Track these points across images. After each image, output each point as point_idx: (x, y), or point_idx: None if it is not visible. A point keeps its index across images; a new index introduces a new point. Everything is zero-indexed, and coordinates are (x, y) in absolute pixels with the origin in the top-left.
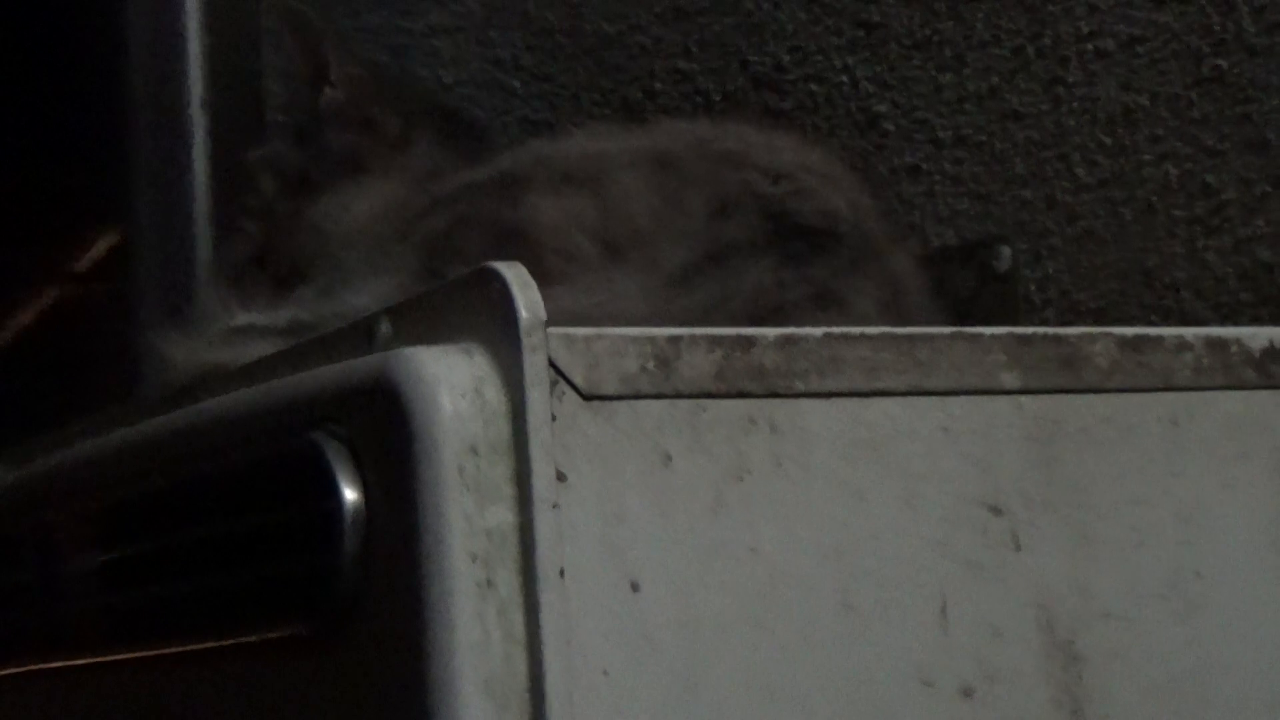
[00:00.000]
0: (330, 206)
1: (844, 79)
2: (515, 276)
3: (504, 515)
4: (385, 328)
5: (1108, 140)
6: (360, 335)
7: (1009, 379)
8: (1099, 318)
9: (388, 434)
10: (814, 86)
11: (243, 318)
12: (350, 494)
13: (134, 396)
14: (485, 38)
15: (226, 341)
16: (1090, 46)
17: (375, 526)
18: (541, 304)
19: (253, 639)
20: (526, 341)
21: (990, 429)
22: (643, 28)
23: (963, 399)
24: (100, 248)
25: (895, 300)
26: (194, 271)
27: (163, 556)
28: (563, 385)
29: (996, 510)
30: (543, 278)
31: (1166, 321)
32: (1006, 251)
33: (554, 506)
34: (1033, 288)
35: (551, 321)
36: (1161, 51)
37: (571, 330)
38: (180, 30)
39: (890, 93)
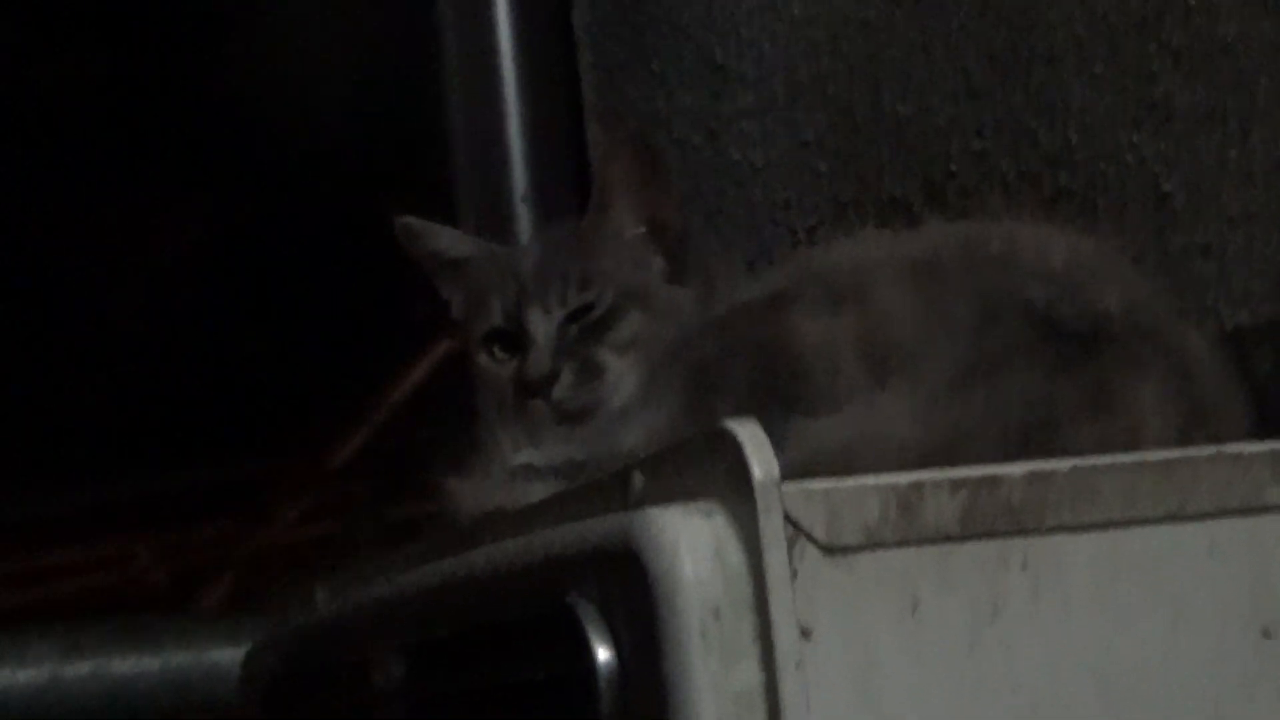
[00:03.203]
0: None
1: (1129, 157)
2: (749, 436)
3: (750, 675)
4: (639, 481)
5: None
6: (616, 487)
7: (1275, 495)
8: None
9: (635, 596)
10: (1102, 164)
11: (523, 456)
12: (604, 654)
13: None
14: (790, 119)
15: (507, 481)
16: None
17: (630, 685)
18: (775, 463)
19: None
20: (761, 503)
21: (1259, 547)
22: (938, 108)
23: (1228, 520)
24: None
25: (1184, 390)
26: None
27: (450, 708)
28: (803, 540)
29: (1268, 633)
30: (810, 402)
31: None
32: None
33: (798, 665)
34: None
35: (815, 458)
36: None
37: (809, 484)
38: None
39: (1178, 169)
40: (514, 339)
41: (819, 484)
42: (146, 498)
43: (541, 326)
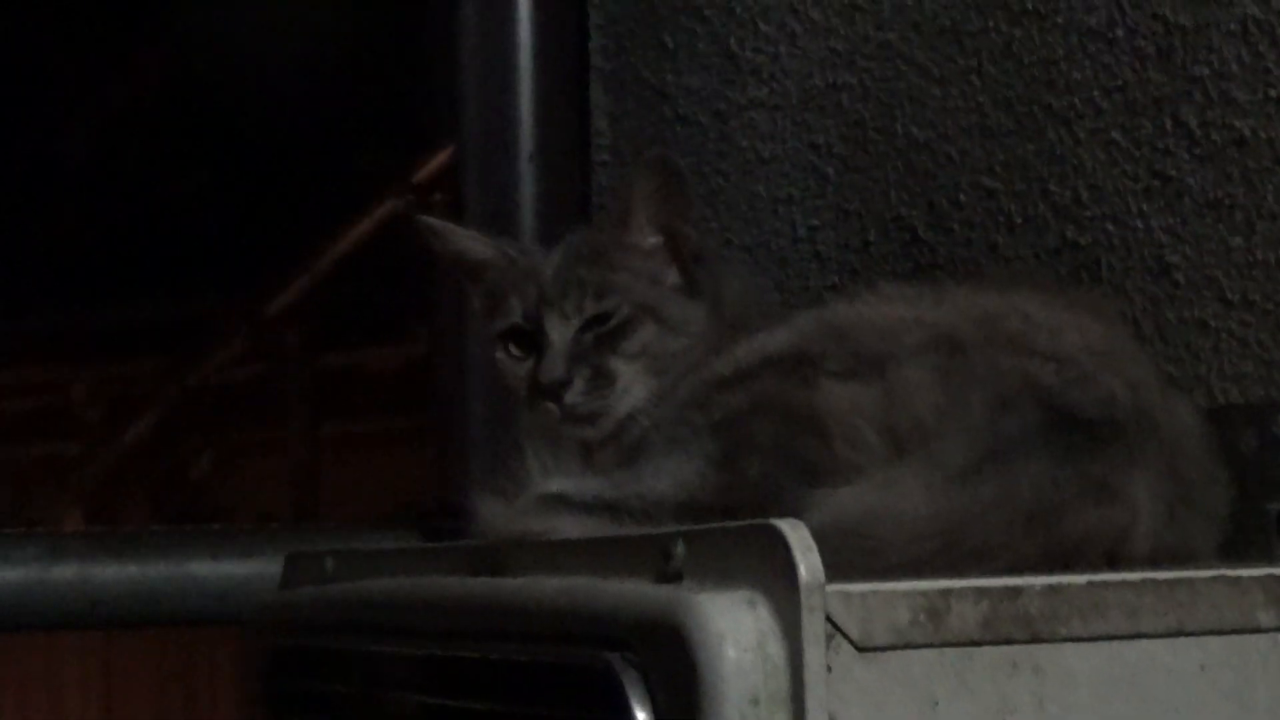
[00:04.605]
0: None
1: (1139, 224)
2: (798, 540)
3: None
4: (680, 551)
5: None
6: (657, 551)
7: (1266, 618)
8: None
9: (678, 673)
10: (1110, 226)
11: (554, 485)
12: (642, 717)
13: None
14: (801, 120)
15: (536, 509)
16: None
17: None
18: (821, 567)
19: None
20: (806, 603)
21: (1246, 665)
22: (951, 138)
23: (1221, 638)
24: (438, 160)
25: (1174, 471)
26: None
27: None
28: (839, 638)
29: None
30: (832, 468)
31: None
32: None
33: None
34: None
35: (834, 527)
36: None
37: (848, 587)
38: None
39: (1183, 246)
40: (531, 339)
41: (857, 588)
42: (85, 331)
43: (558, 332)
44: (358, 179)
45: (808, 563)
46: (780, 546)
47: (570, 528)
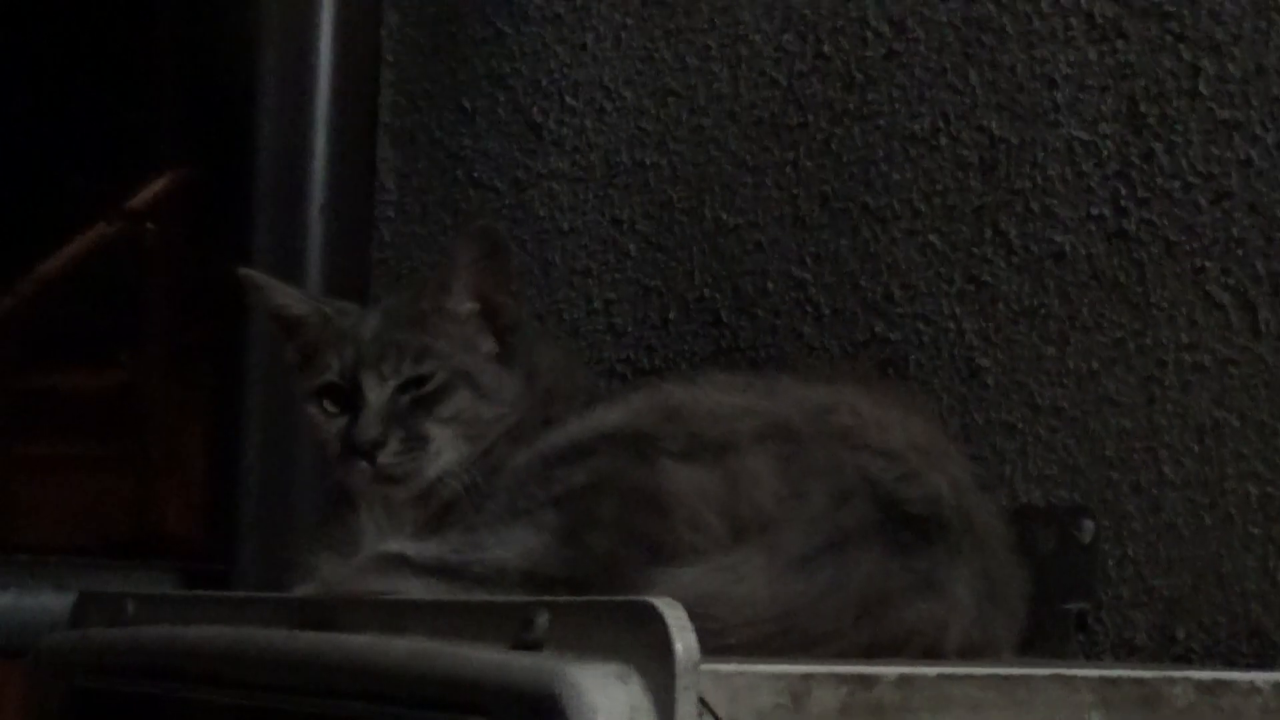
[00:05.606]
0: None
1: (951, 325)
2: (674, 617)
3: None
4: (543, 621)
5: (1196, 447)
6: (519, 619)
7: (1094, 716)
8: (1170, 606)
9: None
10: (921, 325)
11: (393, 545)
12: None
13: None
14: (604, 195)
15: (375, 568)
16: (1188, 358)
17: None
18: (697, 647)
19: None
20: (681, 681)
21: None
22: (761, 226)
23: None
24: (157, 186)
25: (986, 569)
26: None
27: None
28: (707, 715)
29: None
30: (673, 548)
31: (1234, 625)
32: (1089, 525)
33: None
34: (1110, 563)
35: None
36: (1254, 379)
37: (718, 667)
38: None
39: (994, 350)
40: (347, 397)
41: (726, 668)
42: None
43: (375, 392)
44: (69, 200)
45: (684, 641)
46: (657, 623)
47: (412, 588)
